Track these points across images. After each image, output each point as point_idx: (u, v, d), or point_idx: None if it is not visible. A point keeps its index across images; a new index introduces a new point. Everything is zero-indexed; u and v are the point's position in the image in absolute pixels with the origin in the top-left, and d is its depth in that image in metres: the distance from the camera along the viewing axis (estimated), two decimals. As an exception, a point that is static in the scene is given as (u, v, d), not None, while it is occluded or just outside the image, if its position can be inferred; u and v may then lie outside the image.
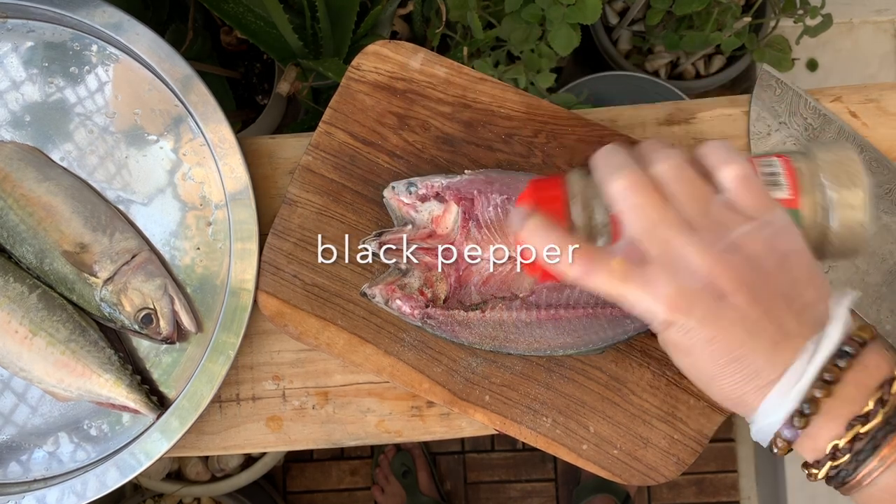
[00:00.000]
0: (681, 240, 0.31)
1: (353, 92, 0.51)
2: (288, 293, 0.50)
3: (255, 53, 1.03)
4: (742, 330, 0.31)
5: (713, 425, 0.48)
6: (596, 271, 0.33)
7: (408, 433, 0.52)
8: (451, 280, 0.49)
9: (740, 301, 0.31)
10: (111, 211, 0.50)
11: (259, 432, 0.52)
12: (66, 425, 0.50)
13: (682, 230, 0.32)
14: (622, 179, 0.33)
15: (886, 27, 1.23)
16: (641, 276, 0.32)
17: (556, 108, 0.50)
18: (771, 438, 0.32)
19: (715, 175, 0.33)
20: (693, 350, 0.32)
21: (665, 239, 0.32)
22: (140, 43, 0.50)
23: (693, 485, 1.36)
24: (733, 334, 0.31)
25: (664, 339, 0.33)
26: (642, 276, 0.32)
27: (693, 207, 0.32)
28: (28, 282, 0.49)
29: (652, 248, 0.32)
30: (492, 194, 0.48)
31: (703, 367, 0.32)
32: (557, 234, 0.34)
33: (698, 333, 0.31)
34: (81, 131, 0.51)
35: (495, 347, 0.48)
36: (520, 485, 1.37)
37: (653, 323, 0.33)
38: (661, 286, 0.31)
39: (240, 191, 0.49)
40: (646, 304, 0.32)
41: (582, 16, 0.71)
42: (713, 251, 0.31)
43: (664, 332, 0.32)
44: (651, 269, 0.32)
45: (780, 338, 0.31)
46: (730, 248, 0.31)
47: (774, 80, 0.53)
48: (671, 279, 0.31)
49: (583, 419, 0.49)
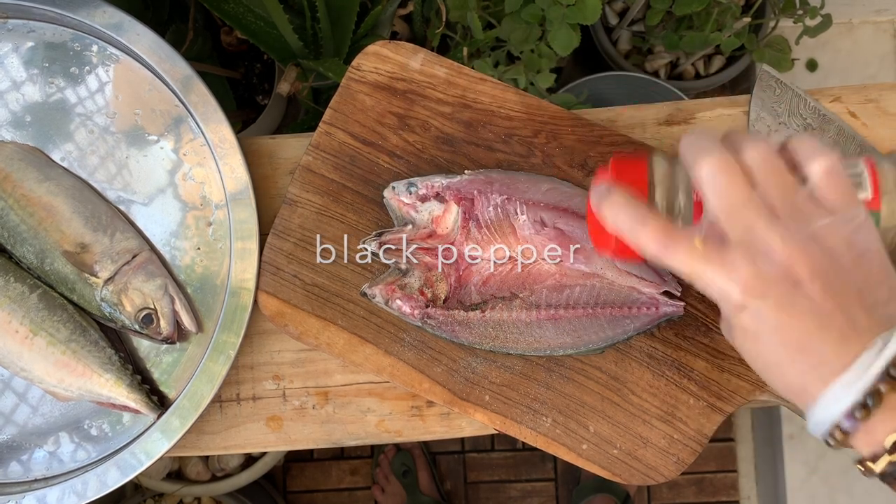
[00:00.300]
0: (763, 225, 0.32)
1: (353, 92, 0.51)
2: (288, 293, 0.50)
3: (256, 53, 1.03)
4: (814, 319, 0.31)
5: (713, 425, 0.48)
6: (676, 247, 0.33)
7: (408, 433, 0.52)
8: (451, 280, 0.49)
9: (815, 291, 0.31)
10: (112, 211, 0.50)
11: (259, 432, 0.52)
12: (67, 425, 0.50)
13: (765, 216, 0.32)
14: (712, 161, 0.33)
15: (886, 27, 1.23)
16: (721, 256, 0.32)
17: (556, 109, 0.51)
18: (828, 429, 0.32)
19: (803, 167, 0.34)
20: (761, 335, 0.32)
21: (748, 222, 0.32)
22: (140, 43, 0.50)
23: (693, 484, 1.36)
24: (805, 322, 0.31)
25: (733, 322, 0.33)
26: (722, 256, 0.32)
27: (778, 195, 0.33)
28: (29, 282, 0.49)
29: (734, 231, 0.33)
30: (492, 194, 0.48)
31: (769, 353, 0.33)
32: (642, 209, 0.34)
33: (770, 319, 0.32)
34: (82, 131, 0.51)
35: (495, 347, 0.48)
36: (520, 484, 1.37)
37: (725, 305, 0.33)
38: (739, 268, 0.32)
39: (240, 191, 0.49)
40: (722, 284, 0.32)
41: (582, 16, 0.71)
42: (794, 239, 0.32)
43: (735, 315, 0.33)
44: (731, 250, 0.32)
45: (849, 331, 0.31)
46: (810, 239, 0.32)
47: (774, 81, 0.53)
48: (750, 262, 0.32)
49: (583, 419, 0.49)
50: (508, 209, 0.48)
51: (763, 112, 0.53)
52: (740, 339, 0.34)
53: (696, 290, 0.49)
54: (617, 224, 0.35)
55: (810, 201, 0.33)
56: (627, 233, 0.35)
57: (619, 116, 0.53)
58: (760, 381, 0.49)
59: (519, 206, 0.48)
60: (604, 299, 0.48)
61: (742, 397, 0.49)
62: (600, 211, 0.36)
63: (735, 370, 0.49)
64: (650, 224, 0.34)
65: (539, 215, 0.48)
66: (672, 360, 0.49)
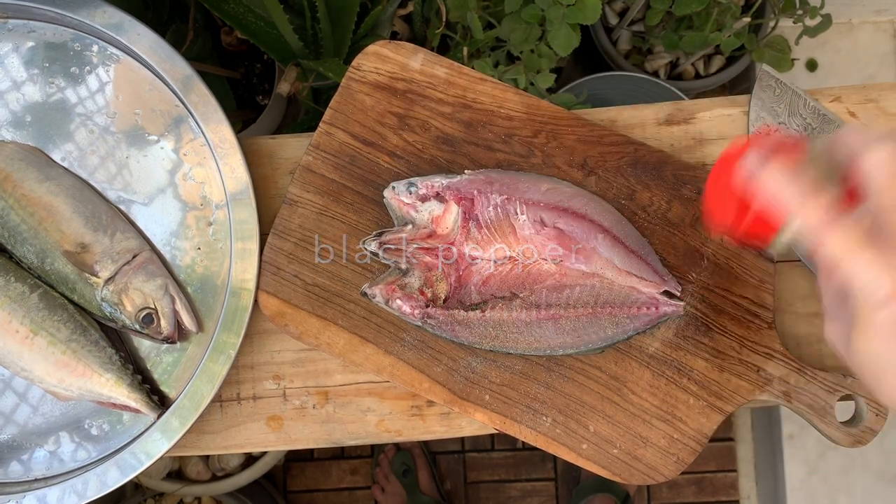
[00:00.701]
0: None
1: (353, 92, 0.51)
2: (288, 293, 0.50)
3: (256, 54, 1.03)
4: None
5: (713, 425, 0.49)
6: (837, 227, 0.32)
7: (408, 433, 0.52)
8: (451, 280, 0.49)
9: None
10: (112, 211, 0.50)
11: (259, 432, 0.52)
12: (67, 425, 0.50)
13: None
14: (887, 150, 0.33)
15: (886, 27, 1.23)
16: (880, 247, 0.32)
17: (556, 109, 0.51)
18: None
19: None
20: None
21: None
22: (141, 43, 0.50)
23: (692, 484, 1.36)
24: None
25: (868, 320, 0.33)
26: (881, 247, 0.32)
27: None
28: (29, 282, 0.49)
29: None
30: (492, 194, 0.48)
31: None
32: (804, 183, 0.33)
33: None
34: (82, 131, 0.51)
35: (495, 347, 0.48)
36: (520, 484, 1.37)
37: (867, 298, 0.33)
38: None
39: (240, 191, 0.49)
40: (874, 274, 0.32)
41: (582, 16, 0.71)
42: None
43: (876, 310, 0.32)
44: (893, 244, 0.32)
45: None
46: None
47: (774, 81, 0.53)
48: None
49: (582, 419, 0.49)
50: (508, 209, 0.48)
51: (763, 112, 0.53)
52: (872, 335, 0.33)
53: (697, 290, 0.49)
54: (781, 193, 0.34)
55: None
56: (793, 202, 0.34)
57: (619, 116, 0.53)
58: (760, 381, 0.49)
59: (519, 205, 0.48)
60: (604, 299, 0.48)
61: (742, 397, 0.49)
62: (762, 178, 0.35)
63: (735, 370, 0.49)
64: (823, 197, 0.33)
65: (539, 215, 0.48)
66: (672, 359, 0.49)
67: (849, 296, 0.34)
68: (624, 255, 0.48)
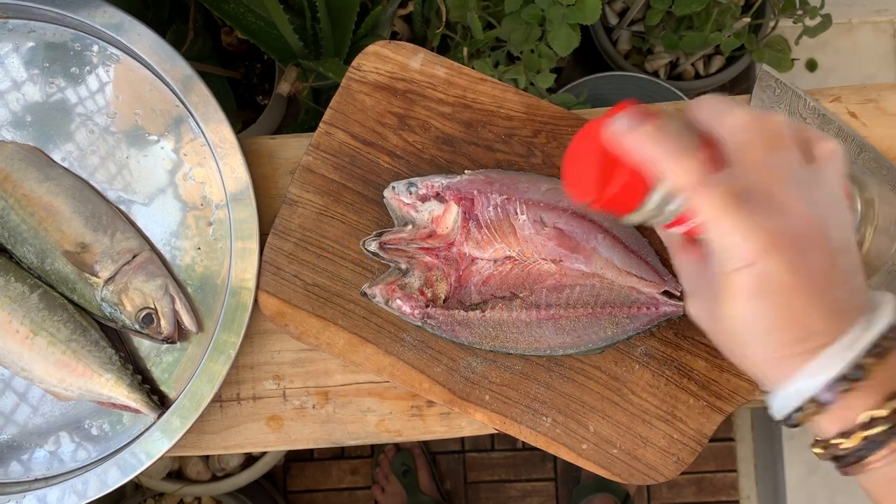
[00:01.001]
0: (792, 184, 0.32)
1: (353, 92, 0.51)
2: (288, 293, 0.50)
3: (256, 54, 1.03)
4: (817, 287, 0.31)
5: (713, 425, 0.49)
6: (709, 185, 0.32)
7: (408, 433, 0.52)
8: (451, 280, 0.49)
9: (824, 259, 0.31)
10: (112, 211, 0.50)
11: (259, 432, 0.52)
12: (67, 425, 0.50)
13: (794, 178, 0.32)
14: (744, 115, 0.33)
15: (886, 27, 1.23)
16: (751, 205, 0.31)
17: (556, 109, 0.51)
18: (799, 403, 0.32)
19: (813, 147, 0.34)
20: (759, 296, 0.31)
21: (777, 178, 0.32)
22: (141, 43, 0.50)
23: (692, 484, 1.36)
24: (809, 288, 0.31)
25: (728, 280, 0.32)
26: (752, 205, 0.31)
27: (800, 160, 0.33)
28: (29, 282, 0.49)
29: (762, 185, 0.32)
30: (492, 194, 0.48)
31: (757, 318, 0.32)
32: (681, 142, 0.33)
33: (777, 279, 0.31)
34: (82, 131, 0.51)
35: (495, 347, 0.48)
36: (520, 484, 1.37)
37: (729, 259, 0.32)
38: (767, 220, 0.31)
39: (240, 191, 0.49)
40: (743, 233, 0.31)
41: (582, 16, 0.71)
42: (816, 207, 0.32)
43: (741, 269, 0.32)
44: (757, 203, 0.31)
45: (839, 307, 0.31)
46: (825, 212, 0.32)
47: (774, 81, 0.53)
48: (778, 216, 0.31)
49: (582, 419, 0.49)
50: (508, 209, 0.48)
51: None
52: (732, 299, 0.32)
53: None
54: (654, 151, 0.32)
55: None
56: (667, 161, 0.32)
57: (618, 116, 0.53)
58: (760, 380, 0.49)
59: (519, 206, 0.48)
60: (604, 299, 0.48)
61: (742, 397, 0.49)
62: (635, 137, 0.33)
63: (735, 370, 0.49)
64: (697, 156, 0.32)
65: (539, 215, 0.48)
66: (672, 360, 0.49)
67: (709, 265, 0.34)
68: (624, 255, 0.48)
